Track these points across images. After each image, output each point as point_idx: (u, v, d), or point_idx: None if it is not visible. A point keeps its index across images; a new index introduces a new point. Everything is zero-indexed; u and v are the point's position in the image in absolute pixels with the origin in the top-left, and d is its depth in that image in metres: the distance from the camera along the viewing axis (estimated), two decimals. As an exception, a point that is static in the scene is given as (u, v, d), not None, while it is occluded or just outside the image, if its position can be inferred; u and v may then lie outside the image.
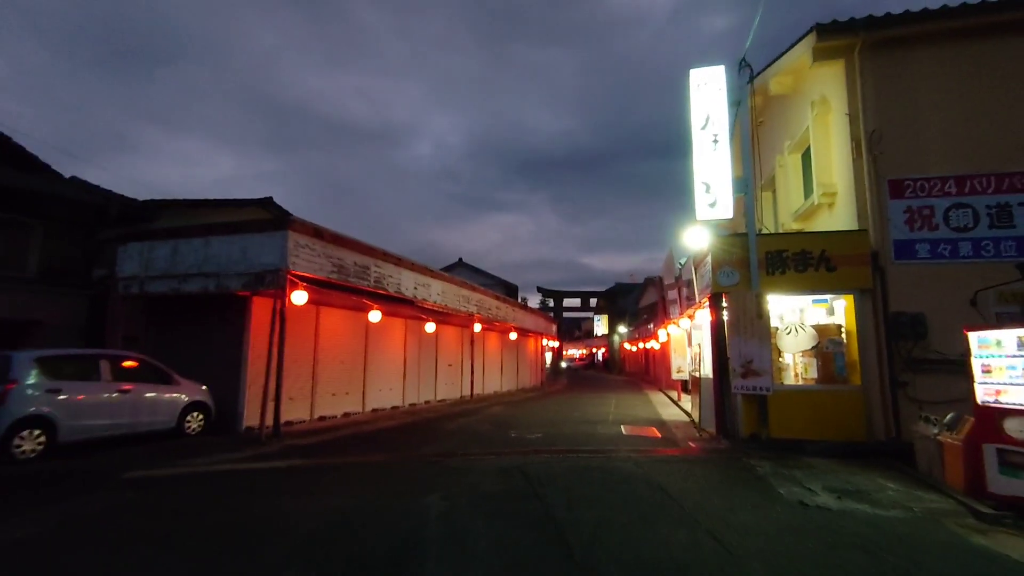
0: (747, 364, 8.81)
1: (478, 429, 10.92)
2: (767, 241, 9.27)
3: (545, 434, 9.92)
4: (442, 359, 17.78)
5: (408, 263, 13.68)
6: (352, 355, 13.46)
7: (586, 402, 17.54)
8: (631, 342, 43.66)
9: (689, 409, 13.78)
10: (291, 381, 11.41)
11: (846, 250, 8.92)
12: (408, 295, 13.65)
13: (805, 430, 8.66)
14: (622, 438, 9.61)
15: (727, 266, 9.32)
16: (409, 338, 15.92)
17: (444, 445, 8.86)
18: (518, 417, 13.11)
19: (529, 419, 12.58)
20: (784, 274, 9.09)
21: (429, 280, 14.83)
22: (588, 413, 13.79)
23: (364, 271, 11.84)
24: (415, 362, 16.17)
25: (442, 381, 17.68)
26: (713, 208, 9.37)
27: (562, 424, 11.39)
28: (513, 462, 7.17)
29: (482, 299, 18.68)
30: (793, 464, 7.32)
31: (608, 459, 7.34)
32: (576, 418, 12.65)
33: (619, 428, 10.83)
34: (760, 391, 8.64)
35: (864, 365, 8.65)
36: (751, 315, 8.88)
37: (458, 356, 18.87)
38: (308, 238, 10.20)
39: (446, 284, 15.88)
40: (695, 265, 11.23)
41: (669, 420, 12.62)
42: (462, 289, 17.04)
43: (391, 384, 15.01)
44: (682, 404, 15.74)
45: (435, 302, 15.06)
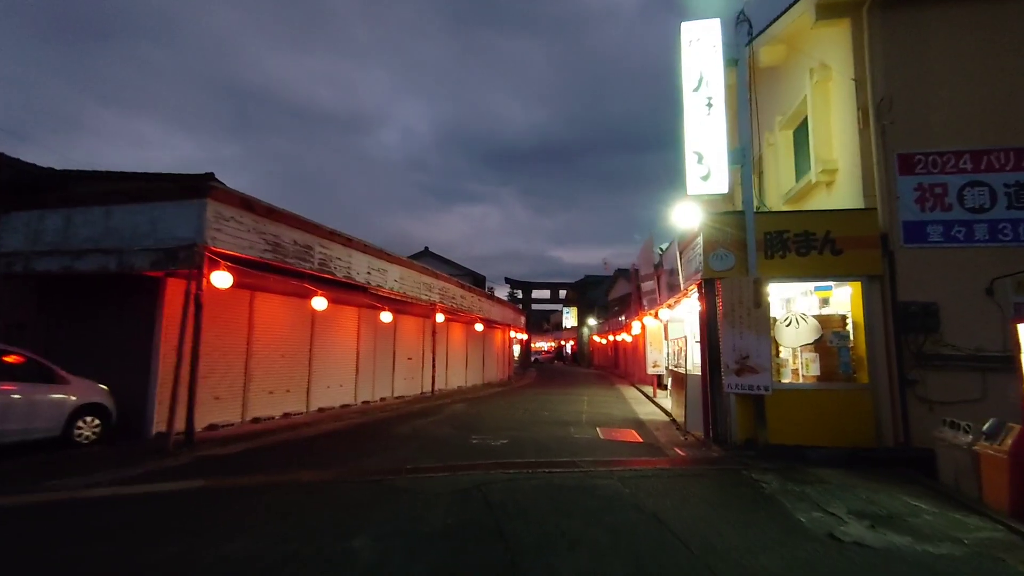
0: (742, 360, 7.72)
1: (436, 433, 9.57)
2: (766, 220, 8.17)
3: (512, 439, 8.65)
4: (401, 352, 16.31)
5: (360, 244, 12.15)
6: (294, 348, 11.88)
7: (556, 399, 16.38)
8: (601, 335, 42.93)
9: (668, 407, 12.76)
10: (217, 378, 9.82)
11: (853, 231, 7.90)
12: (360, 281, 12.13)
13: (807, 435, 7.64)
14: (599, 444, 8.42)
15: (721, 248, 8.19)
16: (363, 329, 14.40)
17: (393, 455, 7.47)
18: (482, 417, 11.81)
19: (494, 420, 11.29)
20: (784, 258, 8.02)
21: (385, 265, 13.33)
22: (559, 412, 12.60)
23: (306, 252, 10.29)
24: (369, 355, 14.66)
25: (400, 376, 16.22)
26: (706, 181, 8.22)
27: (531, 426, 10.14)
28: (473, 479, 5.85)
29: (445, 287, 17.26)
30: (802, 478, 6.24)
31: (587, 475, 6.11)
32: (546, 418, 11.43)
33: (595, 431, 9.65)
34: (757, 391, 7.56)
35: (872, 361, 7.67)
36: (748, 304, 7.77)
37: (418, 349, 17.42)
38: (234, 209, 8.59)
39: (405, 270, 14.40)
40: (681, 249, 10.11)
41: (647, 420, 11.53)
42: (423, 276, 15.58)
43: (341, 380, 13.48)
44: (658, 400, 14.75)
45: (392, 289, 13.58)
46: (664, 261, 12.21)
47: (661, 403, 14.12)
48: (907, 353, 7.66)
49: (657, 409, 13.52)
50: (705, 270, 8.20)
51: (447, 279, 17.63)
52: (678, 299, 11.25)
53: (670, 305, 12.83)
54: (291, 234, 9.88)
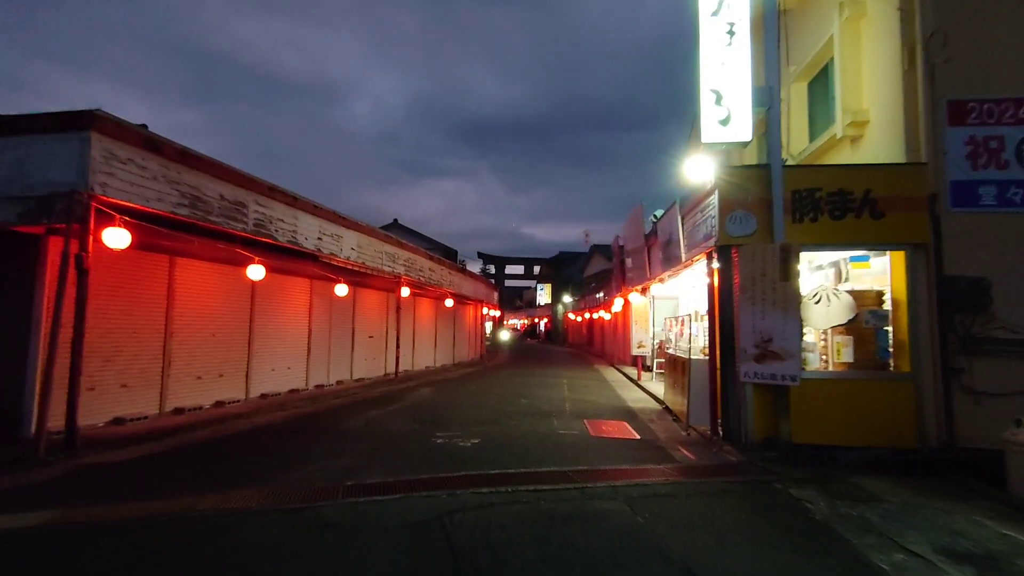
0: (764, 344, 6.40)
1: (393, 428, 8.05)
2: (795, 176, 6.79)
3: (485, 437, 7.20)
4: (361, 330, 14.64)
5: (309, 205, 10.35)
6: (229, 325, 10.11)
7: (534, 382, 15.02)
8: (576, 312, 41.84)
9: (658, 392, 11.53)
10: (125, 361, 8.05)
11: (898, 190, 6.59)
12: (309, 247, 10.37)
13: (837, 433, 6.42)
14: (590, 443, 7.05)
15: (740, 209, 6.79)
16: (316, 304, 12.66)
17: (334, 462, 5.92)
18: (451, 406, 10.33)
19: (465, 410, 9.84)
20: (816, 221, 6.67)
21: (340, 230, 11.56)
22: (538, 399, 11.22)
23: (237, 210, 8.47)
24: (324, 334, 12.97)
25: (361, 357, 14.58)
26: (725, 127, 6.76)
27: (507, 418, 8.72)
28: (433, 505, 4.38)
29: (412, 258, 15.55)
30: (849, 493, 4.98)
31: (584, 494, 4.70)
32: (524, 407, 10.02)
33: (582, 424, 8.29)
34: (782, 381, 6.26)
35: (916, 346, 6.44)
36: (772, 276, 6.42)
37: (381, 326, 15.77)
38: (133, 149, 6.73)
39: (364, 237, 12.64)
40: (684, 213, 8.69)
41: (637, 408, 10.25)
42: (386, 245, 13.84)
43: (290, 362, 11.78)
44: (644, 384, 13.53)
45: (349, 258, 11.84)
46: (658, 230, 10.82)
47: (648, 387, 12.90)
48: (952, 337, 6.47)
49: (645, 395, 12.29)
50: (720, 235, 6.80)
51: (413, 249, 15.92)
52: (675, 272, 9.89)
53: (662, 279, 11.49)
54: (216, 187, 8.05)
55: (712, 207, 7.07)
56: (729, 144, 6.93)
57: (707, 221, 7.34)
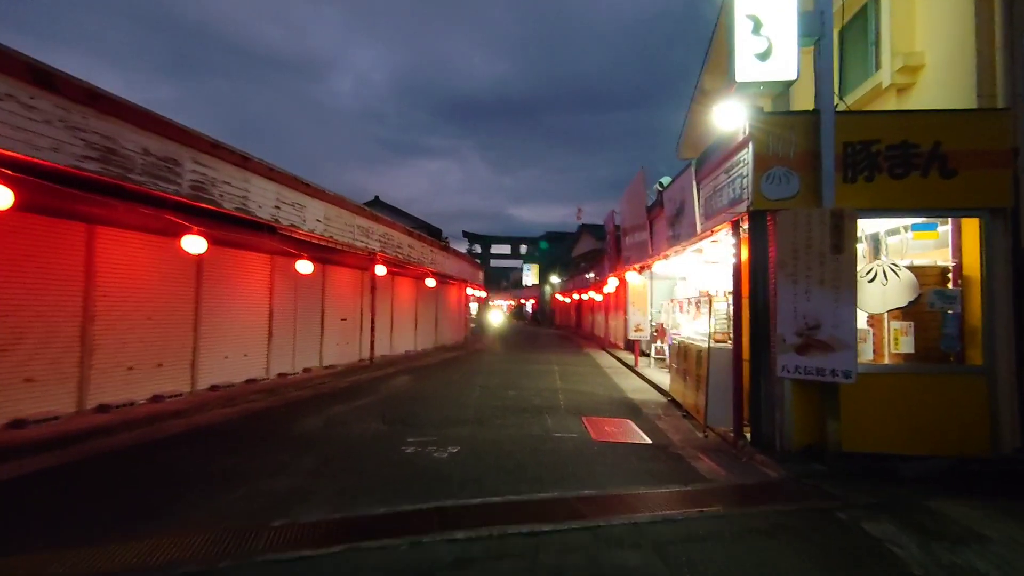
0: (809, 331, 5.20)
1: (357, 430, 6.76)
2: (847, 124, 5.52)
3: (466, 444, 5.95)
4: (332, 312, 13.26)
5: (263, 167, 8.88)
6: (170, 306, 8.69)
7: (522, 369, 13.83)
8: (564, 293, 40.73)
9: (660, 383, 10.39)
10: (29, 350, 6.66)
11: (973, 143, 5.36)
12: (264, 217, 8.93)
13: (896, 439, 5.28)
14: (593, 451, 5.84)
15: (779, 166, 5.53)
16: (278, 282, 11.25)
17: (267, 485, 4.62)
18: (428, 399, 9.08)
19: (444, 404, 8.59)
20: (872, 181, 5.44)
21: (303, 198, 10.10)
22: (528, 390, 10.02)
23: (169, 169, 7.00)
24: (288, 316, 11.58)
25: (331, 341, 13.23)
26: (765, 61, 5.46)
27: (493, 417, 7.48)
28: (386, 567, 3.11)
29: (388, 233, 14.13)
30: (939, 527, 3.83)
31: (595, 538, 3.47)
32: (512, 401, 8.81)
33: (580, 424, 7.09)
34: (832, 377, 5.08)
35: (990, 333, 5.29)
36: (819, 248, 5.20)
37: (355, 308, 14.40)
38: (13, 83, 5.23)
39: (333, 208, 11.19)
40: (702, 176, 7.40)
41: (639, 401, 9.09)
42: (358, 218, 12.40)
43: (247, 348, 10.41)
44: (642, 371, 12.40)
45: (314, 231, 10.42)
46: (664, 200, 9.54)
47: (648, 375, 11.77)
48: (1030, 322, 5.34)
49: (644, 384, 11.16)
50: (754, 198, 5.54)
51: (390, 224, 14.48)
52: (685, 247, 8.65)
53: (667, 256, 10.27)
54: (139, 139, 6.56)
55: (743, 164, 5.79)
56: (768, 85, 5.63)
57: (735, 182, 6.07)
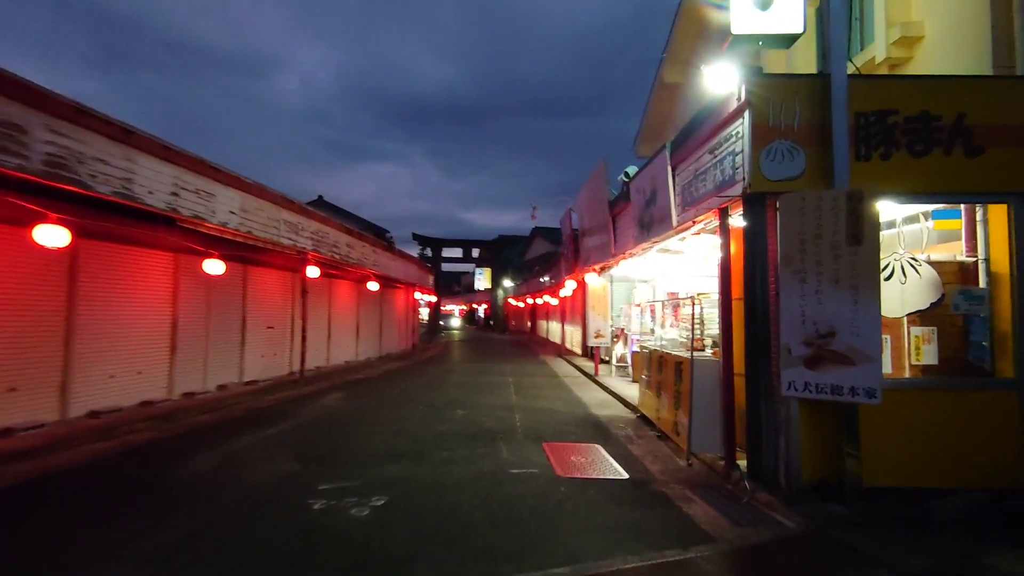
0: (821, 340, 4.24)
1: (255, 475, 5.28)
2: (861, 91, 4.61)
3: (397, 494, 4.62)
4: (255, 319, 11.58)
5: (155, 145, 7.27)
6: (28, 316, 6.94)
7: (473, 382, 12.57)
8: (517, 298, 39.72)
9: (625, 395, 9.38)
10: None
11: (1002, 116, 4.56)
12: (156, 205, 7.31)
13: (923, 470, 4.39)
14: (560, 499, 4.64)
15: (781, 139, 4.56)
16: (185, 286, 9.54)
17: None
18: (359, 425, 7.67)
19: (378, 431, 7.22)
20: (888, 159, 4.55)
21: (211, 185, 8.49)
22: (479, 409, 8.78)
23: (10, 137, 5.37)
24: (198, 325, 9.87)
25: (255, 353, 11.54)
26: (766, 11, 4.48)
27: (436, 448, 6.18)
28: None
29: (323, 231, 12.57)
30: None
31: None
32: (461, 425, 7.54)
33: (541, 454, 5.91)
34: (851, 397, 4.12)
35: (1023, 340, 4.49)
36: (833, 239, 4.25)
37: (285, 314, 12.73)
38: None
39: (252, 198, 9.60)
40: (680, 160, 6.41)
41: (606, 419, 8.03)
42: (285, 211, 10.82)
43: (141, 364, 8.67)
44: (604, 381, 11.40)
45: (226, 225, 8.81)
46: (631, 192, 8.55)
47: (610, 386, 10.77)
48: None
49: (608, 396, 10.13)
50: (753, 177, 4.55)
51: (325, 220, 12.90)
52: (658, 242, 7.67)
53: (632, 254, 9.29)
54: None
55: (737, 138, 4.80)
56: (769, 41, 4.65)
57: (724, 162, 5.08)
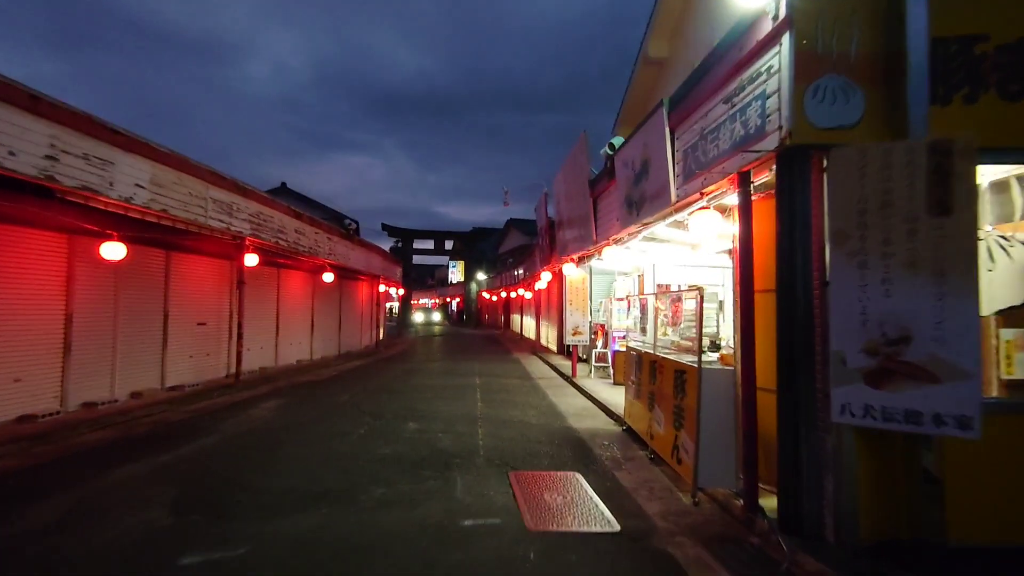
0: (890, 347, 3.06)
1: (105, 535, 3.81)
2: (940, 9, 3.42)
3: (296, 566, 3.28)
4: (182, 314, 9.99)
5: (22, 94, 5.69)
6: None
7: (435, 384, 11.25)
8: (491, 291, 38.41)
9: (606, 400, 8.19)
10: None
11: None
12: (24, 171, 5.74)
13: (1016, 519, 3.26)
14: (530, 564, 3.37)
15: (832, 74, 3.35)
16: (83, 274, 7.95)
17: None
18: (282, 445, 6.25)
19: (301, 454, 5.82)
20: (975, 102, 3.38)
21: (108, 151, 6.91)
22: (436, 420, 7.47)
23: None
24: (101, 321, 8.28)
25: (182, 353, 9.96)
26: None
27: (370, 480, 4.83)
28: None
29: (265, 213, 11.01)
30: None
31: None
32: (409, 445, 6.19)
33: (506, 492, 4.63)
34: (936, 427, 2.94)
35: None
36: (906, 207, 3.07)
37: (221, 308, 11.15)
38: None
39: (166, 170, 8.03)
40: (687, 113, 5.16)
41: (586, 433, 6.80)
42: (213, 188, 9.23)
43: (20, 369, 7.08)
44: (583, 384, 10.20)
45: (130, 200, 7.26)
46: (617, 165, 7.31)
47: (590, 390, 9.57)
48: None
49: (587, 402, 8.93)
50: (796, 123, 3.33)
51: (267, 201, 11.31)
52: (651, 224, 6.44)
53: (618, 240, 8.07)
54: None
55: (770, 73, 3.57)
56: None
57: (749, 108, 3.85)
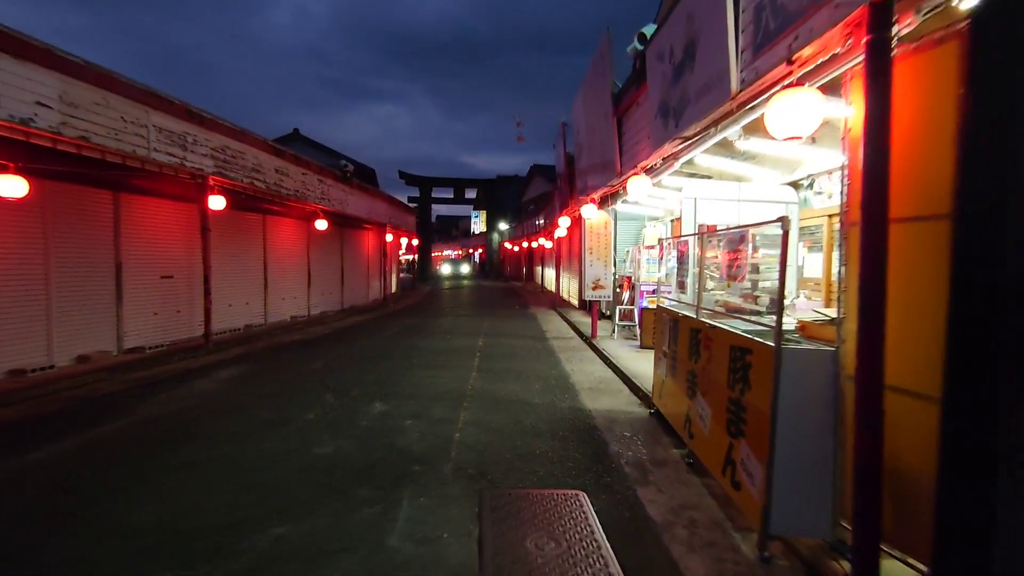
0: None
1: None
2: None
3: None
4: (140, 266, 8.69)
5: None
6: None
7: (429, 347, 9.85)
8: (513, 241, 36.67)
9: (632, 371, 6.59)
10: None
11: None
12: None
13: None
14: None
15: None
16: (4, 220, 6.61)
17: None
18: (193, 439, 4.86)
19: (207, 453, 4.44)
20: None
21: (10, 64, 5.36)
22: (410, 401, 6.04)
23: None
24: (28, 274, 7.00)
25: (143, 310, 8.72)
26: None
27: (268, 514, 3.37)
28: None
29: (232, 148, 9.42)
30: None
31: None
32: (356, 442, 4.73)
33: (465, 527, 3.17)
34: None
35: None
36: None
37: (192, 260, 9.80)
38: None
39: (81, 86, 6.45)
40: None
41: (602, 418, 5.26)
42: (156, 114, 7.64)
43: (-83, 332, 5.86)
44: (603, 347, 8.60)
45: (29, 124, 5.77)
46: (651, 61, 5.38)
47: (611, 354, 7.98)
48: None
49: (608, 372, 7.37)
50: None
51: (236, 134, 9.65)
52: (692, 141, 4.60)
53: (647, 168, 6.22)
54: None
55: None
56: None
57: None
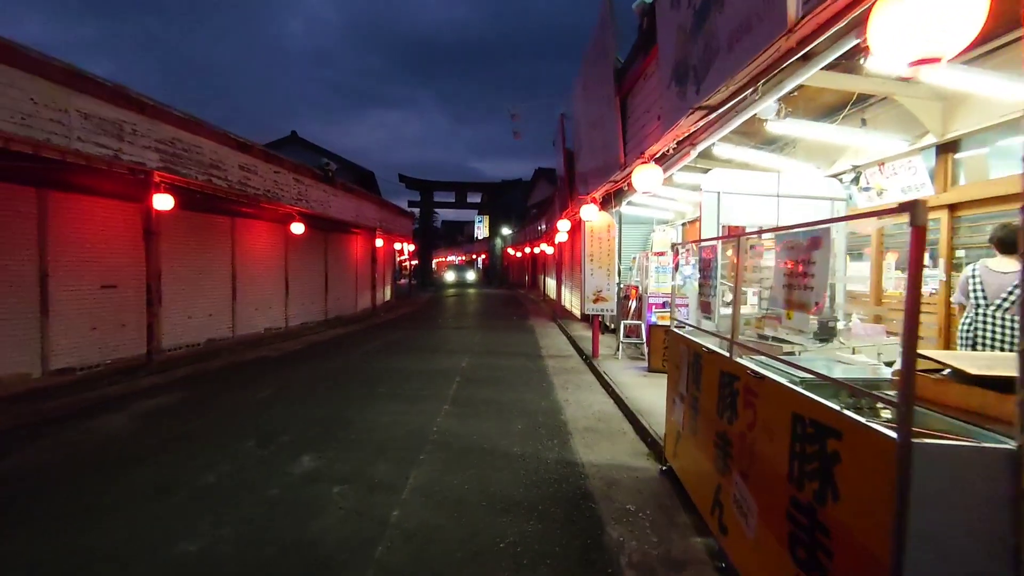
0: None
1: None
2: None
3: None
4: (72, 273, 7.56)
5: None
6: None
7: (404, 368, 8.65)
8: (515, 247, 35.46)
9: (639, 405, 5.33)
10: None
11: None
12: None
13: None
14: None
15: None
16: None
17: None
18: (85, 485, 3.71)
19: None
20: None
21: None
22: (352, 449, 4.84)
23: None
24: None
25: (77, 325, 7.58)
26: None
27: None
28: None
29: (183, 139, 8.27)
30: None
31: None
32: (246, 529, 3.54)
33: None
34: None
35: None
36: None
37: (135, 265, 8.64)
38: None
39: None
40: None
41: (598, 473, 4.00)
42: (79, 97, 6.51)
43: None
44: (606, 371, 7.34)
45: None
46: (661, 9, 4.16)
47: (615, 383, 6.71)
48: None
49: (608, 402, 6.11)
50: None
51: (188, 125, 8.50)
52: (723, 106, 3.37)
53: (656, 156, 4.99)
54: None
55: None
56: None
57: None
